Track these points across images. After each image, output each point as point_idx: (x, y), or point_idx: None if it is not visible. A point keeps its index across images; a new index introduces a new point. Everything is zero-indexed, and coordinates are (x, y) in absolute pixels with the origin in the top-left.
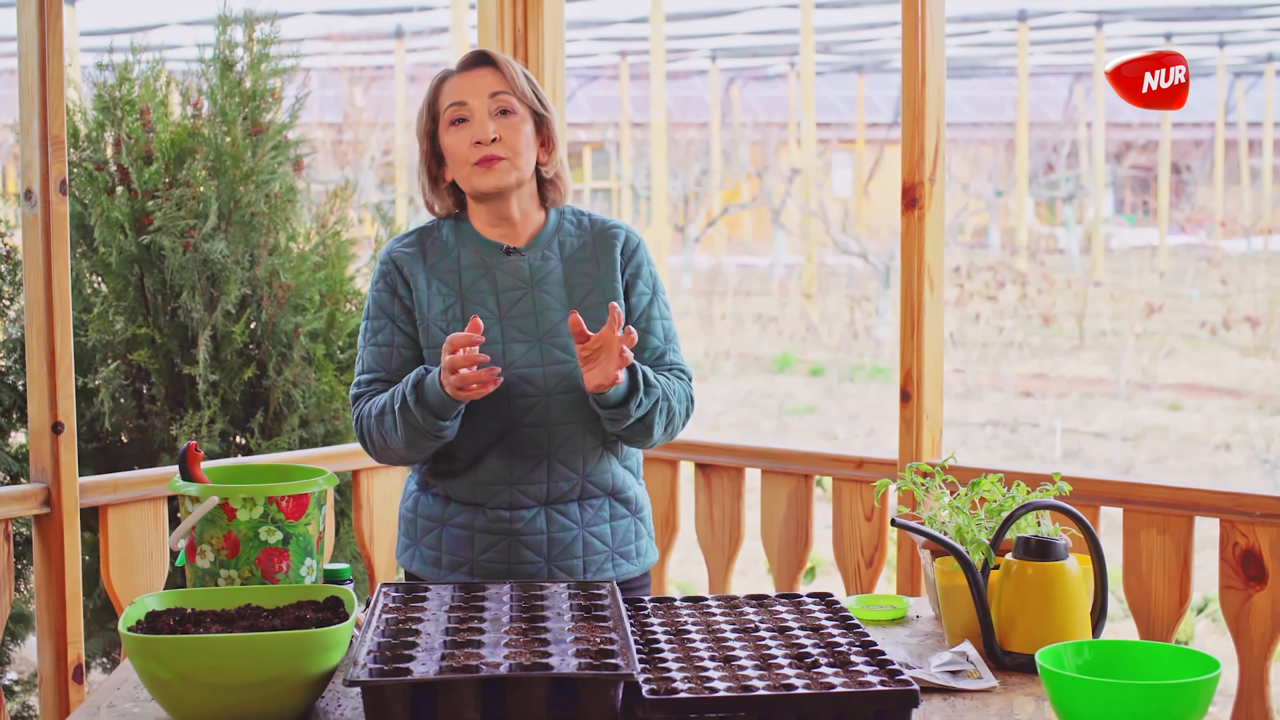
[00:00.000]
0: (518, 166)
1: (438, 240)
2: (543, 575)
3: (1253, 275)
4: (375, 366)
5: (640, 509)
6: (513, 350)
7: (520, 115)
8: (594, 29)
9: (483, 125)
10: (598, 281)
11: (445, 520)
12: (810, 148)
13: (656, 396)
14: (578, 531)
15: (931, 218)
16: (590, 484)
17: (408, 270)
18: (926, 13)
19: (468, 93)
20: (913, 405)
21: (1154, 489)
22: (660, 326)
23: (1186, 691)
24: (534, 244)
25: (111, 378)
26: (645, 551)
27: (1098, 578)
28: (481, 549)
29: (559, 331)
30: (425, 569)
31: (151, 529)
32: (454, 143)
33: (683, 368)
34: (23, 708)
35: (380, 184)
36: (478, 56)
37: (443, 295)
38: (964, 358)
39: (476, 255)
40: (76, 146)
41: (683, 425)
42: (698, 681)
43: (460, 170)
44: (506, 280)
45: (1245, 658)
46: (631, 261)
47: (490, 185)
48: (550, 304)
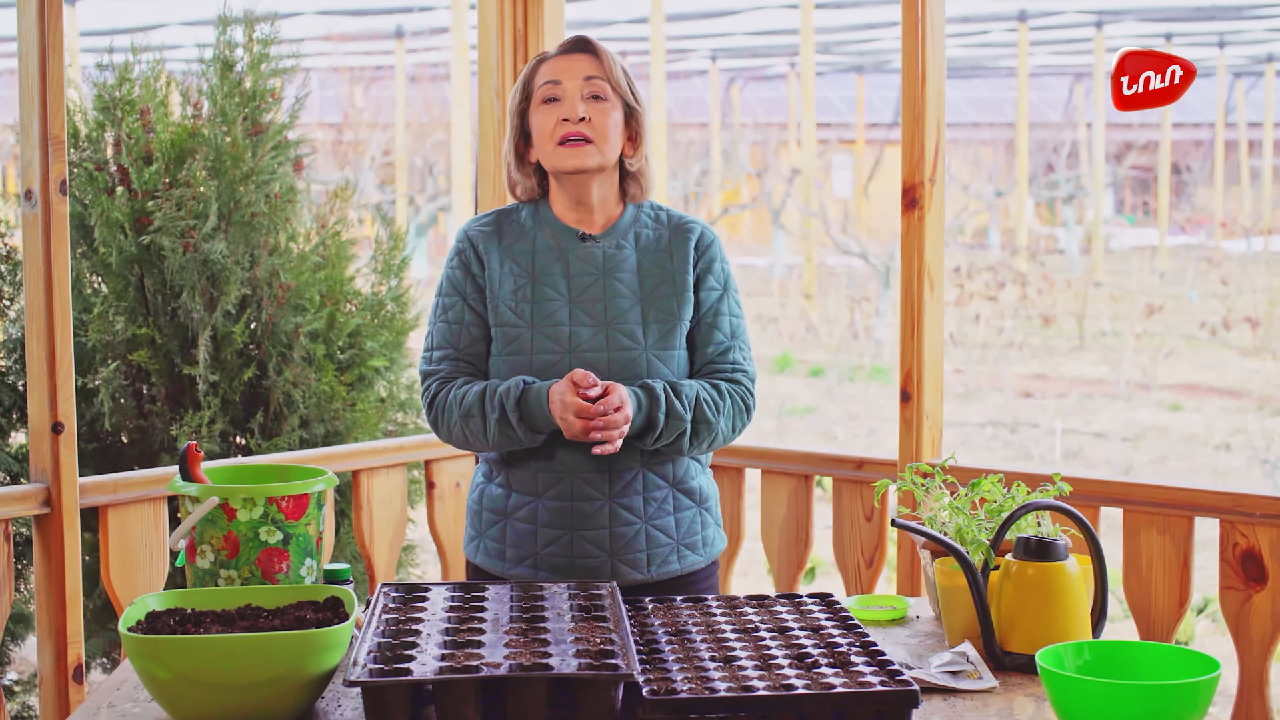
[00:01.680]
0: (602, 151)
1: (515, 222)
2: (605, 570)
3: (1253, 276)
4: (445, 343)
5: (706, 499)
6: (579, 334)
7: (611, 103)
8: (594, 29)
9: (573, 105)
10: (669, 274)
11: (508, 514)
12: (810, 148)
13: (681, 428)
14: (641, 526)
15: (931, 218)
16: (652, 473)
17: (482, 248)
18: (926, 13)
19: (563, 73)
20: (913, 406)
21: (1154, 489)
22: (728, 323)
23: (1186, 692)
24: (610, 233)
25: (111, 378)
26: (712, 541)
27: (1098, 578)
28: (544, 543)
29: (626, 318)
30: (490, 562)
31: (151, 529)
32: (542, 120)
33: (745, 368)
34: (23, 708)
35: (380, 184)
36: (578, 42)
37: (514, 275)
38: (964, 358)
39: (552, 239)
40: (77, 146)
41: (736, 434)
42: (698, 682)
43: (545, 147)
44: (579, 265)
45: (1245, 658)
46: (704, 257)
47: (572, 164)
48: (621, 291)
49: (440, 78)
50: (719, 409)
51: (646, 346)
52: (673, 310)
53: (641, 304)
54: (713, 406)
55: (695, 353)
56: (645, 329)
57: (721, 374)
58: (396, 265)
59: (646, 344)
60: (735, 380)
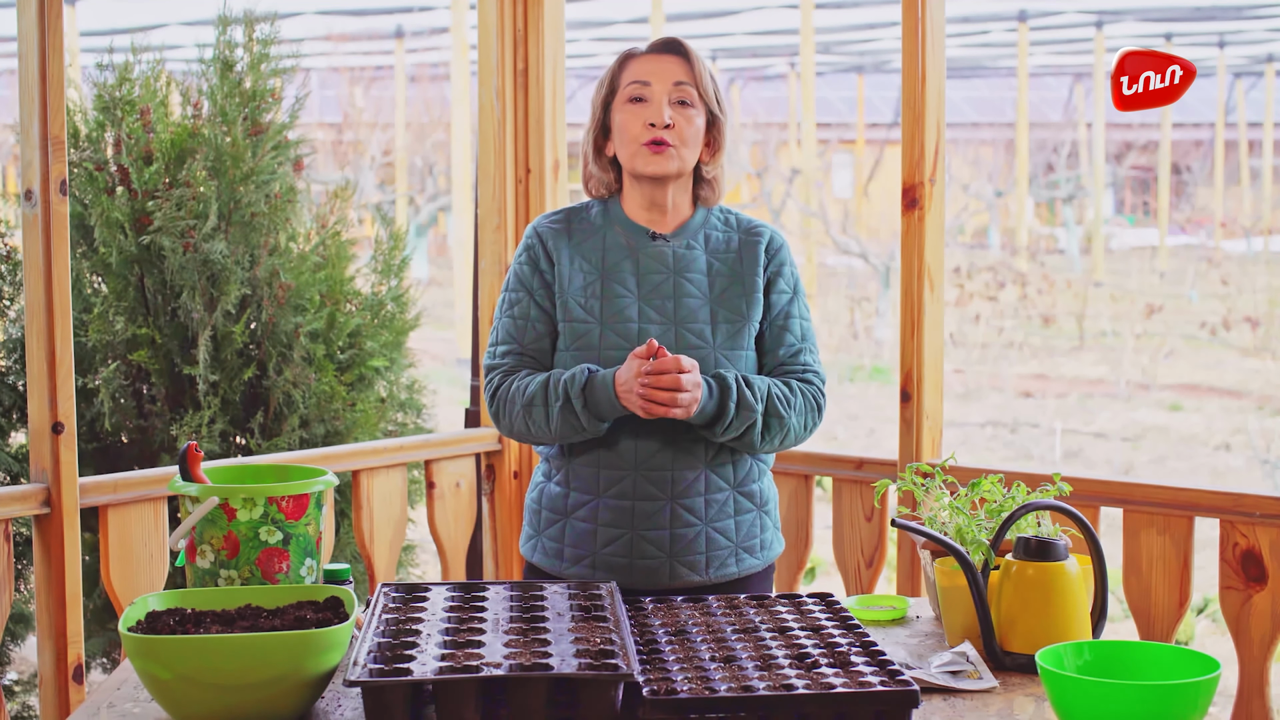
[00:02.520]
0: (682, 157)
1: (585, 220)
2: (664, 571)
3: (1253, 276)
4: (509, 338)
5: (765, 502)
6: (648, 331)
7: (696, 109)
8: (594, 29)
9: (659, 109)
10: (739, 275)
11: (568, 513)
12: (810, 148)
13: (752, 420)
14: (701, 528)
15: (931, 218)
16: (714, 475)
17: (551, 245)
18: (926, 13)
19: (653, 75)
20: (913, 405)
21: (1154, 489)
22: (798, 325)
23: (1186, 692)
24: (680, 233)
25: (111, 378)
26: (770, 544)
27: (1098, 578)
28: (604, 543)
29: (695, 317)
30: (547, 561)
31: (151, 529)
32: (627, 119)
33: (816, 370)
34: (23, 708)
35: (380, 184)
36: (670, 42)
37: (584, 272)
38: (964, 358)
39: (623, 237)
40: (77, 146)
41: (808, 433)
42: (698, 682)
43: (627, 148)
44: (649, 264)
45: (1245, 658)
46: (774, 260)
47: (653, 169)
48: (690, 290)
49: (440, 78)
50: (790, 404)
51: (715, 345)
52: (742, 311)
53: (711, 304)
54: (784, 402)
55: (767, 355)
56: (714, 328)
57: (794, 375)
58: (396, 265)
59: (715, 343)
60: (807, 380)
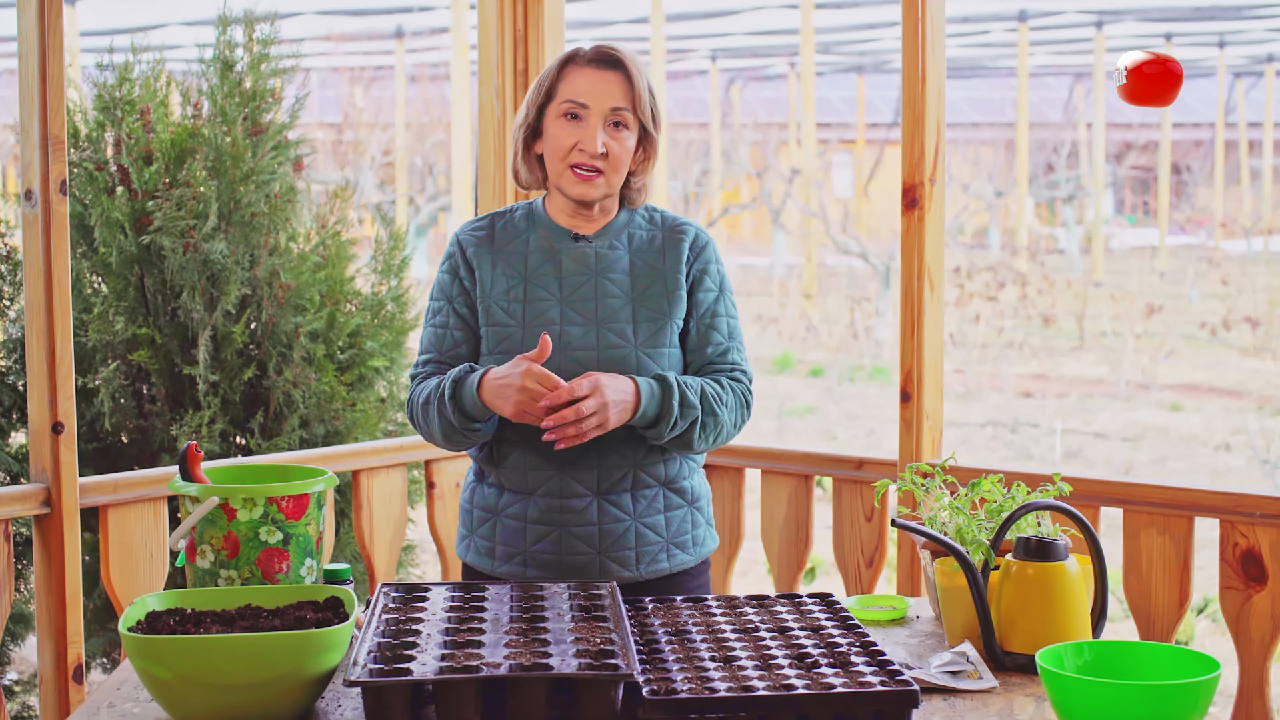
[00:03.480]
0: (610, 183)
1: (509, 224)
2: (594, 567)
3: (1253, 276)
4: (430, 347)
5: (697, 498)
6: (570, 333)
7: (631, 130)
8: (594, 29)
9: (593, 136)
10: (661, 274)
11: (499, 511)
12: (810, 148)
13: (694, 417)
14: (630, 523)
15: (931, 218)
16: (643, 473)
17: (471, 253)
18: (926, 13)
19: (591, 95)
20: (913, 406)
21: (1154, 489)
22: (725, 324)
23: (1186, 692)
24: (604, 233)
25: (111, 378)
26: (702, 540)
27: (1098, 578)
28: (533, 540)
29: (617, 317)
30: (480, 560)
31: (151, 529)
32: (559, 135)
33: (744, 368)
34: (23, 708)
35: (380, 184)
36: (611, 58)
37: (507, 276)
38: (964, 358)
39: (545, 240)
40: (77, 146)
41: (738, 430)
42: (698, 682)
43: (555, 165)
44: (571, 265)
45: (1245, 658)
46: (699, 258)
47: (579, 194)
48: (612, 291)
49: (440, 78)
50: (724, 403)
51: (636, 344)
52: (663, 309)
53: (632, 303)
54: (719, 400)
55: (694, 354)
56: (635, 327)
57: (722, 373)
58: (396, 265)
59: (636, 341)
60: (736, 379)
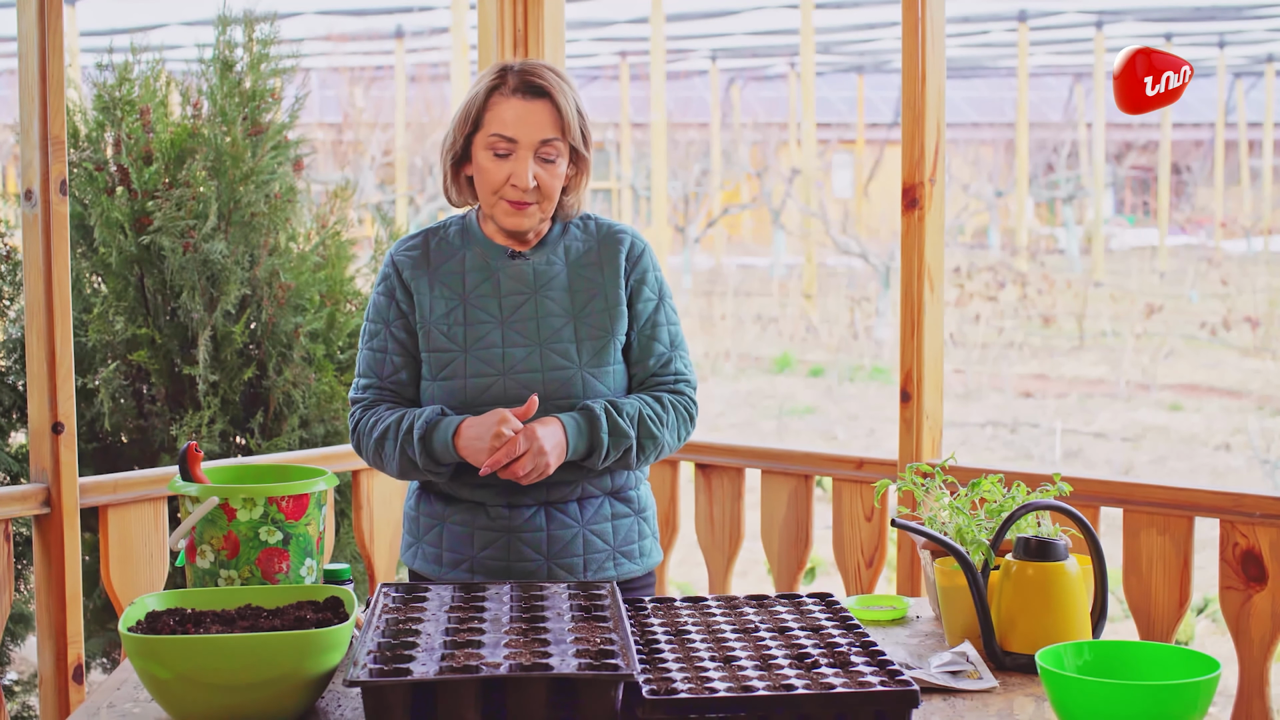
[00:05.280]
0: (546, 209)
1: (444, 242)
2: (542, 573)
3: (1253, 276)
4: (369, 372)
5: (644, 508)
6: (512, 355)
7: (563, 158)
8: (594, 29)
9: (524, 170)
10: (601, 287)
11: (446, 518)
12: (810, 148)
13: (627, 444)
14: (578, 530)
15: (931, 218)
16: (590, 484)
17: (408, 275)
18: (926, 13)
19: (519, 130)
20: (913, 406)
21: (1154, 489)
22: (666, 333)
23: (1186, 692)
24: (539, 247)
25: (111, 378)
26: (649, 551)
27: (1098, 578)
28: (481, 546)
29: (559, 337)
30: (427, 566)
31: (151, 529)
32: (491, 169)
33: (687, 377)
34: (23, 708)
35: (380, 184)
36: (538, 88)
37: (445, 299)
38: (964, 358)
39: (481, 258)
40: (76, 147)
41: (680, 443)
42: (698, 682)
43: (487, 197)
44: (509, 284)
45: (1245, 658)
46: (637, 267)
47: (512, 225)
48: (552, 309)
49: (440, 78)
50: (663, 422)
51: (581, 364)
52: (606, 326)
53: (574, 321)
54: (657, 421)
55: (636, 365)
56: (579, 347)
57: (664, 385)
58: None
59: (581, 362)
60: (678, 391)
